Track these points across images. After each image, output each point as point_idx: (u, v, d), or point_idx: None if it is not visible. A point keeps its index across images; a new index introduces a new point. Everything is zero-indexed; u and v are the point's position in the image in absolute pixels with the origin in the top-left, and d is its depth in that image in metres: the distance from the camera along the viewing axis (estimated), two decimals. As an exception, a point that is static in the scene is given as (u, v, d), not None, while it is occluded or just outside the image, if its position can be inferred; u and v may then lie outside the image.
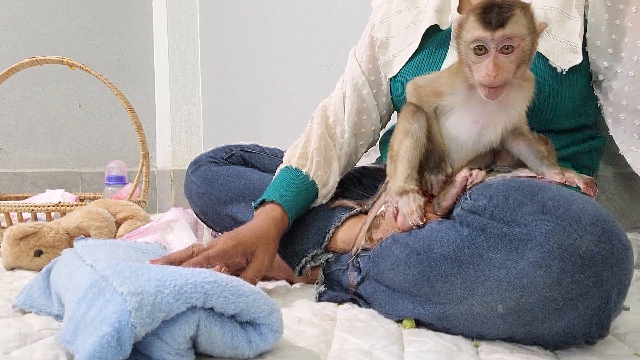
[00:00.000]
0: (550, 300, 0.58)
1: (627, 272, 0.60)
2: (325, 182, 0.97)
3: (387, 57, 0.99)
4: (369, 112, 1.03)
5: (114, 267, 0.60)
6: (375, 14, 1.03)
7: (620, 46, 0.81)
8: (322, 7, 1.80)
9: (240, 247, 0.84)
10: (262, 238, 0.87)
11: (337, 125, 1.02)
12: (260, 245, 0.86)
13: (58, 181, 2.25)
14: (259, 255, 0.86)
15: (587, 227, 0.57)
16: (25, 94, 2.23)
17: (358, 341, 0.66)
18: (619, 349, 0.64)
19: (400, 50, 0.97)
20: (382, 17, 1.01)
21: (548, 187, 0.63)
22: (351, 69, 1.05)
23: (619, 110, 0.83)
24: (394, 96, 1.02)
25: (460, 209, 0.66)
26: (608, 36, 0.81)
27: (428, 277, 0.67)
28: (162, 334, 0.53)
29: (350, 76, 1.04)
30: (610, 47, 0.81)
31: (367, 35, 1.05)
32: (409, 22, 0.97)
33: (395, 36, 0.99)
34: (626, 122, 0.83)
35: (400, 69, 0.97)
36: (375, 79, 1.03)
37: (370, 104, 1.03)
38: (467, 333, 0.68)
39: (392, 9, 1.01)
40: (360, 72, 1.03)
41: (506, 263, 0.60)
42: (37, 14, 2.25)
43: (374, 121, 1.04)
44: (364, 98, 1.02)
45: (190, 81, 2.48)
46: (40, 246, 1.13)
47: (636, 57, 0.79)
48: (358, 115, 1.03)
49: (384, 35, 0.99)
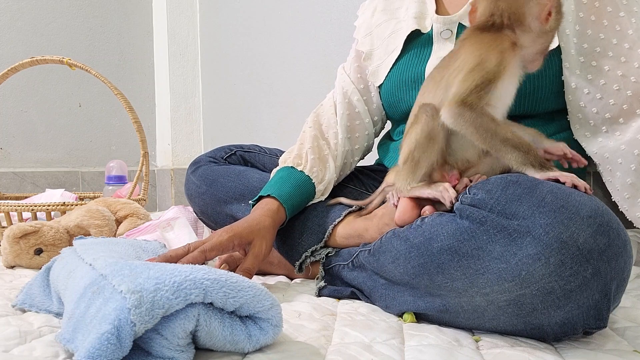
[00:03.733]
0: (549, 292, 0.59)
1: (625, 265, 0.60)
2: (321, 179, 0.98)
3: (372, 67, 1.03)
4: (360, 117, 1.06)
5: (113, 266, 0.60)
6: (359, 30, 1.08)
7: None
8: (322, 7, 1.80)
9: (237, 238, 0.85)
10: (258, 228, 0.88)
11: (330, 129, 1.04)
12: (256, 236, 0.87)
13: (58, 181, 2.25)
14: (256, 244, 0.87)
15: (585, 220, 0.58)
16: (25, 94, 2.23)
17: (358, 335, 0.66)
18: (618, 344, 0.64)
19: (384, 59, 1.01)
20: (364, 32, 1.06)
21: (546, 182, 0.63)
22: (341, 80, 1.08)
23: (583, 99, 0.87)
24: (384, 102, 1.04)
25: (459, 203, 0.67)
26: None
27: (428, 270, 0.67)
28: (161, 329, 0.53)
29: (340, 86, 1.07)
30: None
31: (353, 50, 1.10)
32: (390, 32, 1.01)
33: (377, 47, 1.03)
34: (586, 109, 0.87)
35: (387, 75, 1.00)
36: (364, 87, 1.06)
37: (361, 109, 1.06)
38: (468, 326, 0.68)
39: (373, 23, 1.05)
40: (350, 82, 1.07)
41: (505, 255, 0.60)
42: (37, 14, 2.25)
43: (366, 125, 1.06)
44: (355, 104, 1.05)
45: (190, 81, 2.48)
46: (40, 245, 1.13)
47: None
48: (350, 120, 1.05)
49: (368, 48, 1.04)
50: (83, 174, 2.33)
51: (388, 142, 1.07)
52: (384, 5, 1.05)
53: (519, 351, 0.60)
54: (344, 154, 1.03)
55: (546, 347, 0.63)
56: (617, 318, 0.74)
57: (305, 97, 1.89)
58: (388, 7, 1.04)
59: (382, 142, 1.10)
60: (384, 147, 1.07)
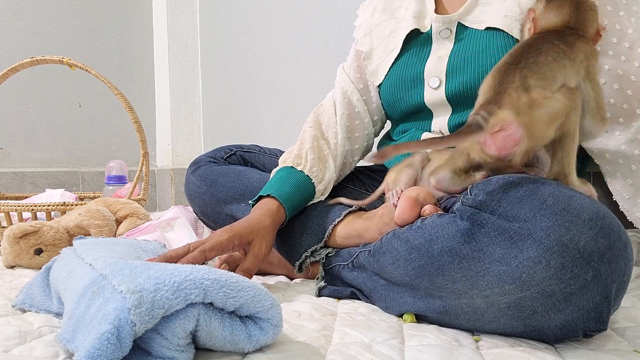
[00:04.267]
0: (549, 295, 0.59)
1: (626, 268, 0.60)
2: (321, 179, 0.98)
3: (372, 67, 1.03)
4: (360, 117, 1.05)
5: (112, 266, 0.60)
6: (358, 30, 1.08)
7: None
8: (322, 7, 1.80)
9: (236, 238, 0.85)
10: (258, 228, 0.87)
11: (329, 129, 1.04)
12: (256, 235, 0.87)
13: (58, 181, 2.25)
14: (256, 244, 0.87)
15: (586, 223, 0.58)
16: (25, 94, 2.23)
17: (358, 335, 0.66)
18: (618, 344, 0.64)
19: (383, 59, 1.01)
20: (364, 32, 1.06)
21: (548, 183, 0.63)
22: (340, 80, 1.08)
23: None
24: (383, 102, 1.04)
25: (460, 204, 0.66)
26: None
27: (428, 272, 0.67)
28: (161, 329, 0.53)
29: (339, 86, 1.07)
30: None
31: (353, 50, 1.09)
32: (389, 31, 1.01)
33: (377, 47, 1.03)
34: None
35: (386, 74, 1.00)
36: (363, 87, 1.06)
37: (361, 108, 1.05)
38: (468, 327, 0.68)
39: (372, 23, 1.05)
40: (349, 82, 1.06)
41: (506, 258, 0.60)
42: (37, 14, 2.25)
43: (366, 125, 1.06)
44: (354, 104, 1.05)
45: (190, 81, 2.48)
46: (40, 245, 1.13)
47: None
48: (350, 120, 1.05)
49: (368, 47, 1.04)
50: (83, 174, 2.33)
51: (388, 142, 1.07)
52: (384, 4, 1.05)
53: (519, 351, 0.60)
54: (343, 153, 1.03)
55: (546, 348, 0.63)
56: (617, 318, 0.74)
57: (305, 97, 1.89)
58: (388, 6, 1.04)
59: (382, 142, 1.10)
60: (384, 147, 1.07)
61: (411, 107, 0.97)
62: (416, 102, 0.95)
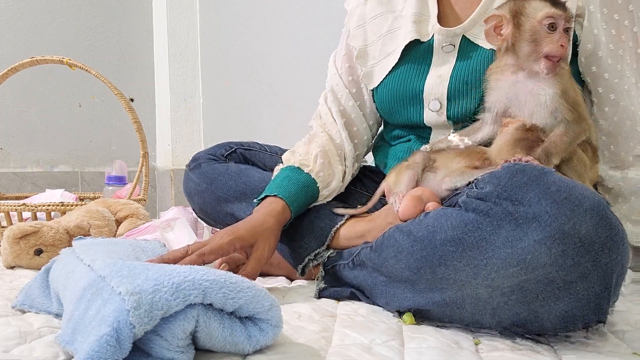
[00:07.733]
0: (550, 281, 0.60)
1: (624, 258, 0.61)
2: (327, 184, 0.96)
3: (366, 67, 0.99)
4: (356, 124, 1.03)
5: (111, 267, 0.60)
6: (350, 18, 1.03)
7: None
8: (322, 7, 1.80)
9: (238, 242, 0.83)
10: (261, 230, 0.85)
11: (338, 135, 1.01)
12: (259, 238, 0.85)
13: (58, 181, 2.25)
14: (259, 247, 0.85)
15: (587, 212, 0.59)
16: (25, 94, 2.23)
17: (358, 336, 0.66)
18: (617, 346, 0.64)
19: (379, 61, 0.97)
20: (357, 23, 1.01)
21: (551, 171, 0.64)
22: (333, 81, 1.05)
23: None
24: (379, 107, 1.02)
25: (465, 197, 0.67)
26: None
27: (430, 263, 0.67)
28: (161, 330, 0.53)
29: (332, 90, 1.04)
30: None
31: (344, 43, 1.05)
32: (386, 30, 0.97)
33: (372, 44, 0.98)
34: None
35: (382, 81, 0.97)
36: (356, 91, 1.03)
37: (356, 114, 1.03)
38: (468, 321, 0.68)
39: (366, 13, 1.00)
40: (343, 85, 1.03)
41: (511, 240, 0.61)
42: (37, 14, 2.25)
43: (363, 131, 1.04)
44: (349, 112, 1.02)
45: (190, 81, 2.48)
46: (40, 245, 1.13)
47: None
48: (348, 127, 1.02)
49: (361, 43, 0.99)
50: (83, 174, 2.33)
51: (385, 145, 1.05)
52: None
53: (518, 354, 0.61)
54: (352, 162, 1.01)
55: (546, 350, 0.63)
56: (615, 322, 0.74)
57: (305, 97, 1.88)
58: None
59: (377, 145, 1.08)
60: (382, 151, 1.06)
61: (409, 122, 0.95)
62: (415, 119, 0.94)
